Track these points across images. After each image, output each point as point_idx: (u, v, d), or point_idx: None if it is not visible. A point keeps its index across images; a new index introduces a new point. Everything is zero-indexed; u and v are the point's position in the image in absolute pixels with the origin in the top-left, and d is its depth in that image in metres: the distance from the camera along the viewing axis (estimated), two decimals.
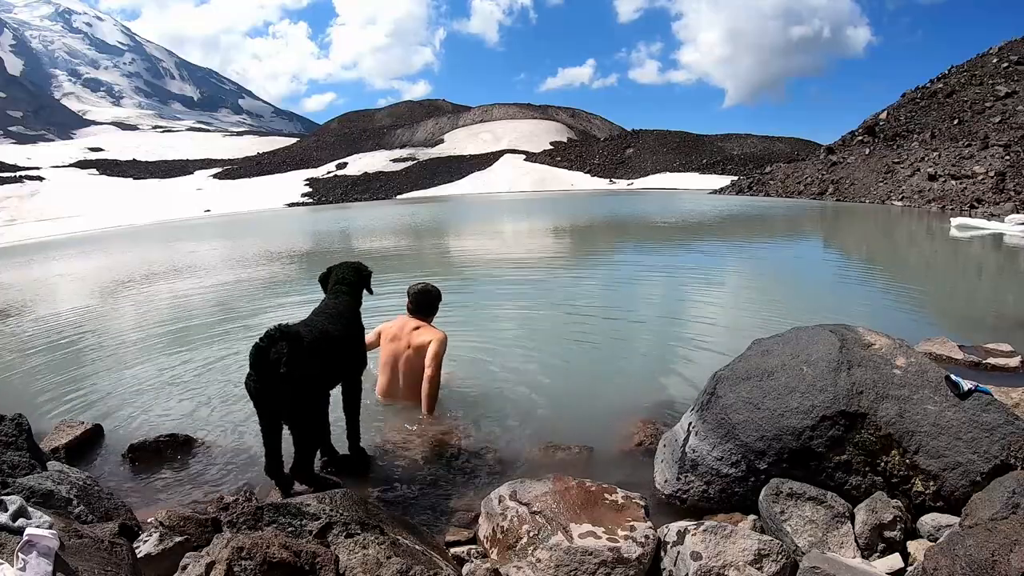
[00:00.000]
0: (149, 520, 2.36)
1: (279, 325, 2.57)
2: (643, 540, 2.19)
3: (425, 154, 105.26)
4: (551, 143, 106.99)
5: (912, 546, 2.23)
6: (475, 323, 6.39)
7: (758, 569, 2.07)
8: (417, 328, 3.87)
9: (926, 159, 26.93)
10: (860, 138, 34.93)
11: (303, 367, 2.59)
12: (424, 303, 3.94)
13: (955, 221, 15.55)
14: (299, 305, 8.19)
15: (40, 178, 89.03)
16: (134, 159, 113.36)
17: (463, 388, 4.41)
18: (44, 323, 8.13)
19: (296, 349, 2.54)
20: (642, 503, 2.43)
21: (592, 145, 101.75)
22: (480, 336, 5.76)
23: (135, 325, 7.55)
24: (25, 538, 1.66)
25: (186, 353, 5.82)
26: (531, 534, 2.26)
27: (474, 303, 7.39)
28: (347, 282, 3.23)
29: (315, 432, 2.82)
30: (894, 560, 2.18)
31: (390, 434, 3.65)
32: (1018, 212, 16.79)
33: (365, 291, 3.35)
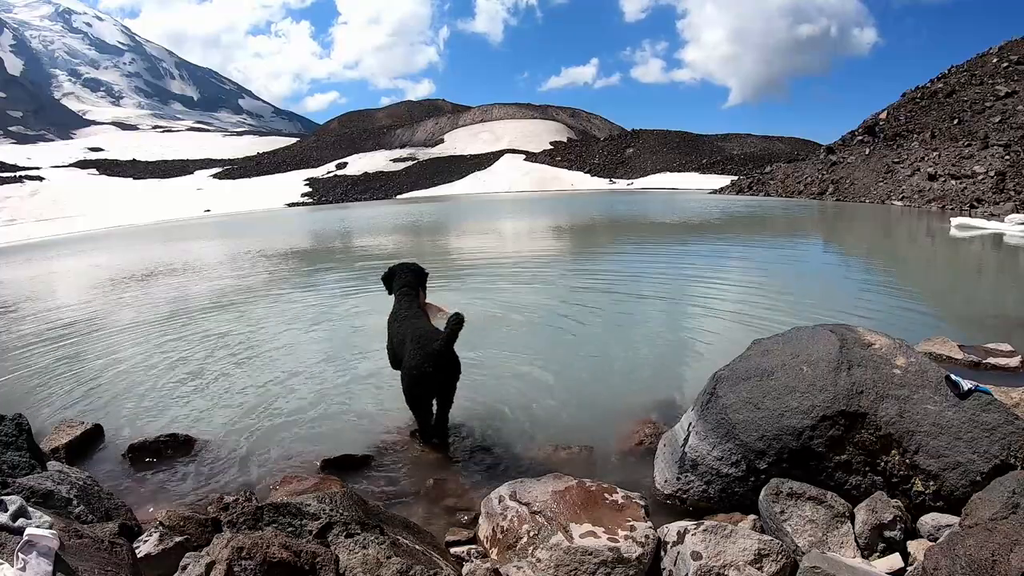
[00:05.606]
0: (149, 520, 2.36)
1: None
2: (643, 540, 2.19)
3: (425, 154, 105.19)
4: (551, 143, 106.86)
5: (912, 546, 2.23)
6: (475, 322, 6.37)
7: (758, 569, 2.07)
8: None
9: (926, 159, 26.92)
10: (860, 138, 34.88)
11: None
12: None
13: (955, 221, 15.53)
14: (299, 305, 8.19)
15: (40, 178, 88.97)
16: (134, 159, 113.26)
17: (463, 388, 4.40)
18: (44, 323, 8.13)
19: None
20: (642, 503, 2.43)
21: (592, 145, 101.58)
22: (480, 335, 5.75)
23: (135, 324, 7.55)
24: (25, 538, 1.66)
25: (186, 352, 5.82)
26: (531, 534, 2.26)
27: (473, 302, 7.38)
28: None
29: None
30: (894, 560, 2.18)
31: (390, 434, 3.66)
32: (1018, 212, 16.78)
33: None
